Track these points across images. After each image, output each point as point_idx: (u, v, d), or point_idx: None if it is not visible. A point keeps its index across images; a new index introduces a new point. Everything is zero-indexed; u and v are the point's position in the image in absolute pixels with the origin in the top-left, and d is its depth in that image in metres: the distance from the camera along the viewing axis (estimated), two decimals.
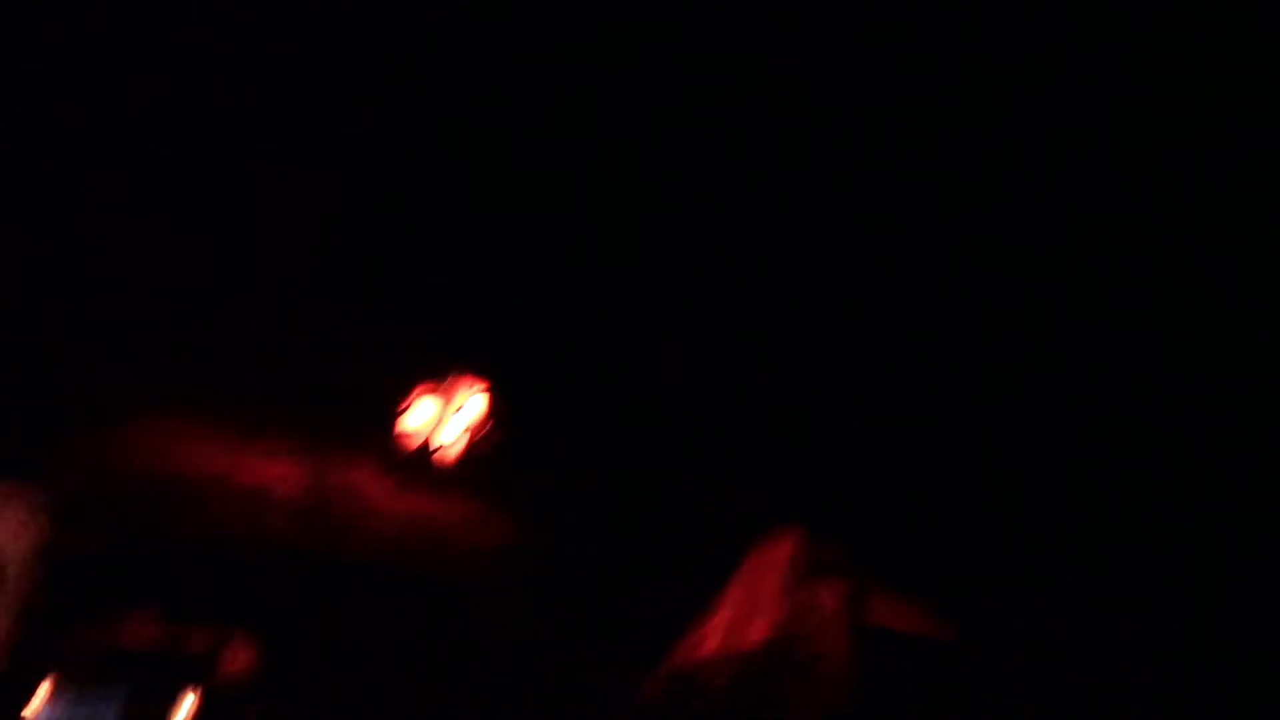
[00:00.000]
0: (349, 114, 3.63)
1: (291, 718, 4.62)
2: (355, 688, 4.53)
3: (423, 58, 3.40)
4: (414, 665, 4.54)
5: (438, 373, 4.40)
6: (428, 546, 4.58)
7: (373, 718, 4.50)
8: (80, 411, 4.35)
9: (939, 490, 4.42)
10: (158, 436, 4.44)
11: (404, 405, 4.28)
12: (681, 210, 3.95)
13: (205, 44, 3.26)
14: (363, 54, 3.37)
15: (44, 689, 5.61)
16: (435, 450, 4.19)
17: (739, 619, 4.53)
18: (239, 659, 4.96)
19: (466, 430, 4.31)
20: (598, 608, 4.47)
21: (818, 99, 3.39)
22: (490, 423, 4.35)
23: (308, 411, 4.46)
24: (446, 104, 3.58)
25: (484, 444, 4.28)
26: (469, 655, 4.51)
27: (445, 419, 4.32)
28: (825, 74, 3.30)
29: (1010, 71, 3.19)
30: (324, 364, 4.38)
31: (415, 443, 4.22)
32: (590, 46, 3.35)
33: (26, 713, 5.10)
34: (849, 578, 4.24)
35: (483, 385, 4.43)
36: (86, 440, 4.31)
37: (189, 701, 5.43)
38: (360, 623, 4.50)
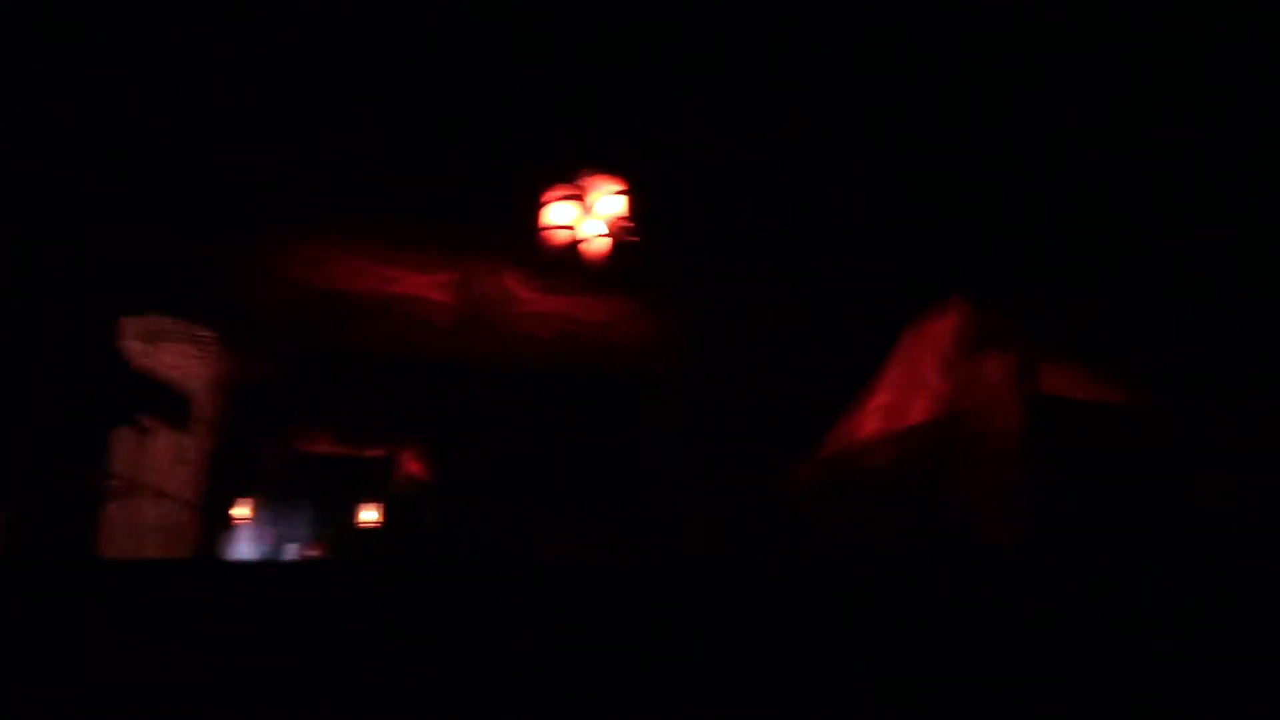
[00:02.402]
0: None
1: (465, 519, 4.88)
2: (521, 486, 4.72)
3: None
4: (575, 460, 4.66)
5: (571, 175, 4.30)
6: (581, 345, 4.59)
7: (538, 514, 4.69)
8: (239, 238, 4.46)
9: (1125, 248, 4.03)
10: (312, 257, 4.47)
11: (542, 208, 4.21)
12: None
13: None
14: None
15: (244, 504, 6.21)
16: (579, 245, 4.08)
17: (899, 399, 4.37)
18: (412, 466, 5.27)
19: (606, 228, 4.21)
20: (751, 396, 4.40)
21: None
22: (629, 221, 4.23)
23: (451, 221, 4.46)
24: None
25: (624, 241, 4.17)
26: (627, 448, 4.58)
27: (584, 218, 4.23)
28: None
29: None
30: (463, 173, 4.35)
31: (558, 242, 4.14)
32: None
33: (232, 524, 5.66)
34: (1019, 347, 3.96)
35: (619, 185, 4.30)
36: (245, 267, 4.29)
37: (371, 507, 5.89)
38: (521, 423, 4.63)
